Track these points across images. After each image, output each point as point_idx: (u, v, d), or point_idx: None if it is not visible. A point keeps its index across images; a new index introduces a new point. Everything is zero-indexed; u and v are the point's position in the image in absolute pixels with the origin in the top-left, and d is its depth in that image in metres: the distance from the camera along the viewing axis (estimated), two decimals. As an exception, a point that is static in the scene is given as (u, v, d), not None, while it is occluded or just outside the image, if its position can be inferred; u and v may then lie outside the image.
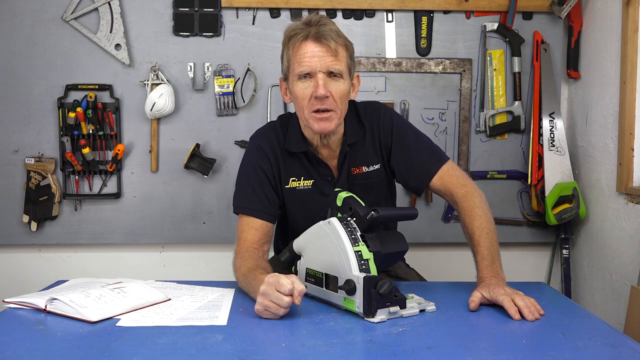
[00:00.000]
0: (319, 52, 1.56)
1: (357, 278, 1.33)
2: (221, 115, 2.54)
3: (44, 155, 2.52)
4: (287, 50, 1.61)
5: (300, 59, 1.57)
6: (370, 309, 1.32)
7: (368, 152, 1.73)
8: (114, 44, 2.48)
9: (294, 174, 1.72)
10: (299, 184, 1.72)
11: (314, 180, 1.72)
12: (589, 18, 2.49)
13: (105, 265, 2.62)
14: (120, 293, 1.45)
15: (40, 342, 1.23)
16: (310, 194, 1.72)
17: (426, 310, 1.40)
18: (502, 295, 1.40)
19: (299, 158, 1.72)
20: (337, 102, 1.59)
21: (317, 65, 1.56)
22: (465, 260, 2.69)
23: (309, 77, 1.57)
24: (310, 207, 1.71)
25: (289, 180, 1.72)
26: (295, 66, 1.58)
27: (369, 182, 1.74)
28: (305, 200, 1.73)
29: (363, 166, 1.73)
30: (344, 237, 1.39)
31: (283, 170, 1.72)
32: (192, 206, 2.57)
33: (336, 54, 1.57)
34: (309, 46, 1.56)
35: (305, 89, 1.58)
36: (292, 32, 1.59)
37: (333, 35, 1.56)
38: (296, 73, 1.58)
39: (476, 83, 2.58)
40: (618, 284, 2.28)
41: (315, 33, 1.56)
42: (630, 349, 1.18)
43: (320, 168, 1.72)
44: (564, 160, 2.52)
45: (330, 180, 1.72)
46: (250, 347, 1.19)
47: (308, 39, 1.56)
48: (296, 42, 1.58)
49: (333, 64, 1.56)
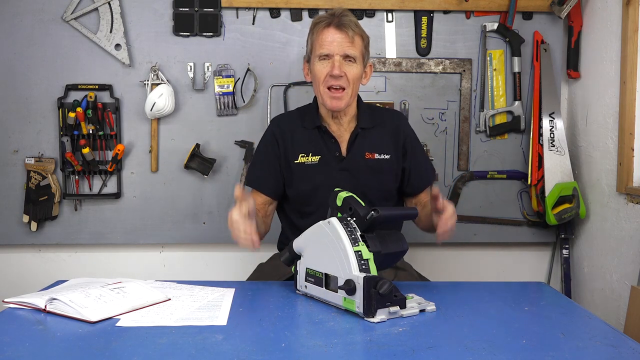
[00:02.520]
0: (338, 38, 1.79)
1: (357, 278, 1.33)
2: (221, 115, 2.54)
3: (44, 155, 2.52)
4: (311, 35, 1.86)
5: (321, 42, 1.81)
6: (370, 309, 1.32)
7: (384, 142, 1.92)
8: (114, 44, 2.48)
9: (304, 151, 1.90)
10: (307, 160, 1.90)
11: (321, 156, 1.90)
12: (589, 18, 2.49)
13: (105, 265, 2.62)
14: (120, 293, 1.45)
15: (40, 342, 1.23)
16: (317, 167, 1.89)
17: (426, 310, 1.40)
18: (449, 208, 1.61)
19: (312, 133, 1.91)
20: (350, 82, 1.81)
21: (336, 49, 1.79)
22: (465, 260, 2.71)
23: (328, 58, 1.81)
24: (316, 181, 1.88)
25: (298, 156, 1.91)
26: (317, 48, 1.82)
27: (379, 168, 1.90)
28: (312, 175, 1.89)
29: (376, 153, 1.91)
30: (344, 237, 1.39)
31: (293, 148, 1.91)
32: (192, 206, 2.57)
33: (353, 41, 1.80)
34: (331, 32, 1.80)
35: (324, 67, 1.81)
36: (318, 19, 1.85)
37: (352, 25, 1.80)
38: (317, 54, 1.82)
39: (476, 83, 2.58)
40: (618, 284, 2.28)
41: (337, 22, 1.80)
42: (630, 349, 1.18)
43: (330, 143, 1.90)
44: (564, 160, 2.52)
45: (338, 156, 1.90)
46: (250, 347, 1.19)
47: (330, 26, 1.81)
48: (320, 28, 1.82)
49: (349, 49, 1.80)
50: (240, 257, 2.64)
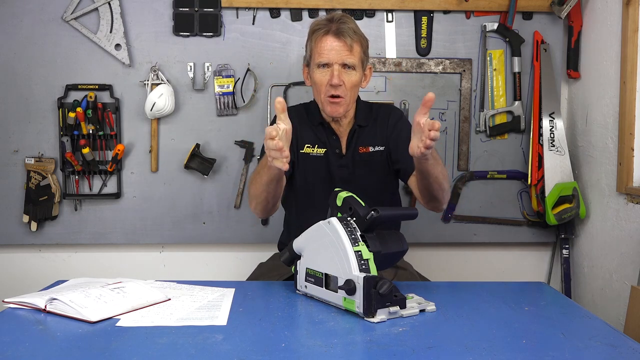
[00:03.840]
0: (337, 47, 1.80)
1: (357, 278, 1.33)
2: (221, 115, 2.54)
3: (44, 155, 2.52)
4: (310, 42, 1.86)
5: (320, 51, 1.81)
6: (370, 309, 1.32)
7: (377, 135, 1.94)
8: (114, 44, 2.48)
9: (310, 141, 1.94)
10: (312, 151, 1.94)
11: (326, 149, 1.93)
12: (589, 18, 2.49)
13: (105, 265, 2.62)
14: (120, 293, 1.45)
15: (40, 342, 1.22)
16: (321, 161, 1.93)
17: (426, 310, 1.40)
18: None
19: (317, 128, 1.94)
20: (348, 90, 1.83)
21: (334, 58, 1.80)
22: (465, 260, 2.71)
23: (327, 66, 1.82)
24: (318, 173, 1.92)
25: (304, 146, 1.94)
26: (316, 56, 1.83)
27: (373, 160, 1.93)
28: (315, 167, 1.93)
29: (369, 146, 1.93)
30: (344, 237, 1.39)
31: (301, 136, 1.94)
32: (192, 206, 2.57)
33: (351, 49, 1.80)
34: (329, 40, 1.81)
35: (323, 76, 1.82)
36: (316, 26, 1.85)
37: (350, 32, 1.80)
38: (316, 62, 1.83)
39: (476, 83, 2.58)
40: (618, 284, 2.28)
41: (336, 29, 1.80)
42: (630, 349, 1.18)
43: (332, 140, 1.93)
44: (564, 160, 2.52)
45: (338, 152, 1.93)
46: (250, 347, 1.19)
47: (329, 34, 1.81)
48: (318, 36, 1.82)
49: (347, 58, 1.80)
50: (240, 257, 2.64)
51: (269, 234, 2.54)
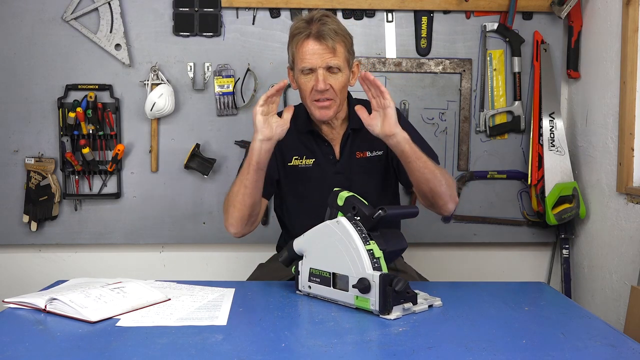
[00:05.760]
0: (319, 50, 1.72)
1: (371, 276, 1.34)
2: (221, 115, 2.54)
3: (44, 155, 2.52)
4: (291, 47, 1.79)
5: (302, 56, 1.74)
6: (386, 306, 1.33)
7: (373, 138, 1.77)
8: (114, 44, 2.48)
9: (297, 153, 1.87)
10: (300, 162, 1.87)
11: (315, 159, 1.87)
12: (589, 18, 2.49)
13: (105, 265, 2.62)
14: (120, 293, 1.45)
15: (40, 342, 1.22)
16: (310, 171, 1.87)
17: (434, 306, 1.42)
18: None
19: (306, 137, 1.87)
20: (337, 92, 1.76)
21: (318, 62, 1.72)
22: (465, 260, 2.71)
23: (311, 71, 1.74)
24: (309, 184, 1.86)
25: (292, 158, 1.87)
26: (298, 62, 1.76)
27: (371, 166, 1.87)
28: (305, 178, 1.87)
29: (367, 151, 1.87)
30: (355, 236, 1.39)
31: (287, 149, 1.86)
32: (192, 206, 2.57)
33: (334, 51, 1.73)
34: (310, 45, 1.73)
35: (308, 82, 1.75)
36: (296, 29, 1.76)
37: (331, 34, 1.72)
38: (300, 68, 1.75)
39: (476, 83, 2.58)
40: (618, 284, 2.28)
41: (316, 32, 1.72)
42: (630, 349, 1.18)
43: (323, 147, 1.87)
44: (564, 160, 2.52)
45: (332, 159, 1.87)
46: (250, 347, 1.19)
47: (309, 38, 1.73)
48: (299, 41, 1.74)
49: (331, 60, 1.73)
50: (240, 257, 2.64)
51: (268, 234, 2.54)
